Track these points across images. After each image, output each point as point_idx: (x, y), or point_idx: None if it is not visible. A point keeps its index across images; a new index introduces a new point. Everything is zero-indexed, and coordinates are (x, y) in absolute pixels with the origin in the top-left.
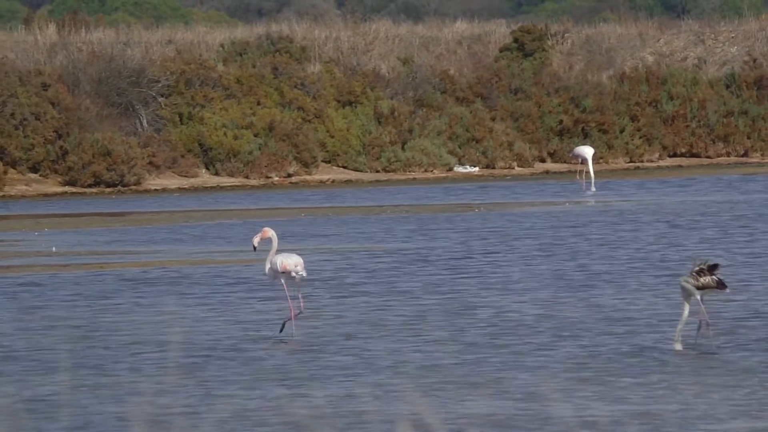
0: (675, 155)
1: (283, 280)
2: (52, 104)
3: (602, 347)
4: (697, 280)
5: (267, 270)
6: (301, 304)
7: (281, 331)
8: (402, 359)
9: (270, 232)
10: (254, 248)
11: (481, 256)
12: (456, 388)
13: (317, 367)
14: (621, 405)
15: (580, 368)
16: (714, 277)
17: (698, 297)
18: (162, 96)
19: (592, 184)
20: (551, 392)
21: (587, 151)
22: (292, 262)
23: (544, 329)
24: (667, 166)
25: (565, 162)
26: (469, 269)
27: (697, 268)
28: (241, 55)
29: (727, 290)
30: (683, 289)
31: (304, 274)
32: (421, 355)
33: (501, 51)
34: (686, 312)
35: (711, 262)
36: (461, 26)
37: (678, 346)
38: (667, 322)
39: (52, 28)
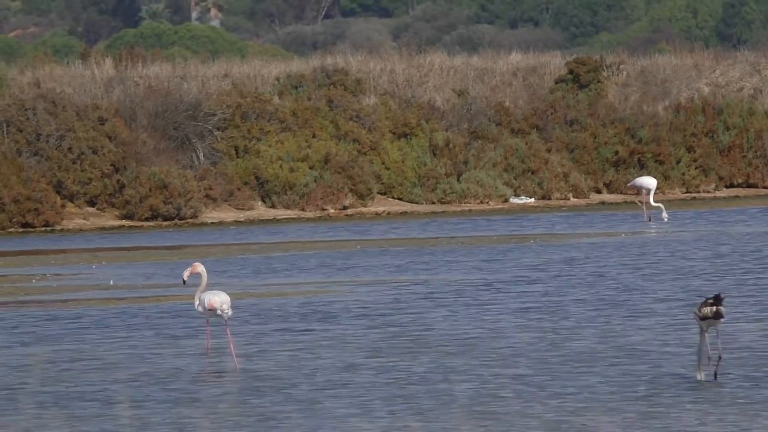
0: (732, 186)
1: (207, 318)
2: (109, 138)
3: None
4: (700, 311)
5: (196, 305)
6: (209, 343)
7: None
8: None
9: (199, 267)
10: (184, 282)
11: (538, 286)
12: (508, 418)
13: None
14: None
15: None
16: (713, 307)
17: (704, 327)
18: (218, 129)
19: (647, 215)
20: (601, 423)
21: (650, 182)
22: (218, 300)
23: (600, 358)
24: (724, 197)
25: (621, 193)
26: (526, 300)
27: (703, 300)
28: (296, 88)
29: (722, 320)
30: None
31: (230, 313)
32: (473, 385)
33: (556, 82)
34: (702, 342)
35: (720, 294)
36: (516, 58)
37: (700, 376)
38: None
39: (109, 63)
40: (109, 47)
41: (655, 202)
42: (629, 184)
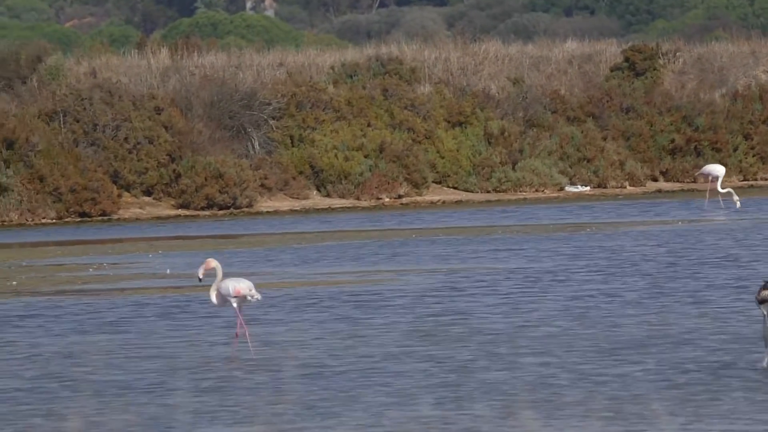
0: None
1: (235, 305)
2: (165, 128)
3: (692, 363)
4: (759, 294)
5: (213, 298)
6: (246, 330)
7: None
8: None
9: (213, 263)
10: (199, 279)
11: (592, 274)
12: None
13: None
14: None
15: (673, 386)
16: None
17: (765, 312)
18: (273, 118)
19: (707, 202)
20: (658, 413)
21: (719, 170)
22: (245, 285)
23: (655, 345)
24: None
25: (677, 181)
26: (580, 288)
27: (763, 283)
28: (351, 77)
29: None
30: None
31: (259, 297)
32: (524, 374)
33: (612, 70)
34: (765, 327)
35: None
36: (571, 46)
37: (764, 364)
38: None
39: (164, 53)
40: (164, 37)
41: (723, 188)
42: (698, 173)
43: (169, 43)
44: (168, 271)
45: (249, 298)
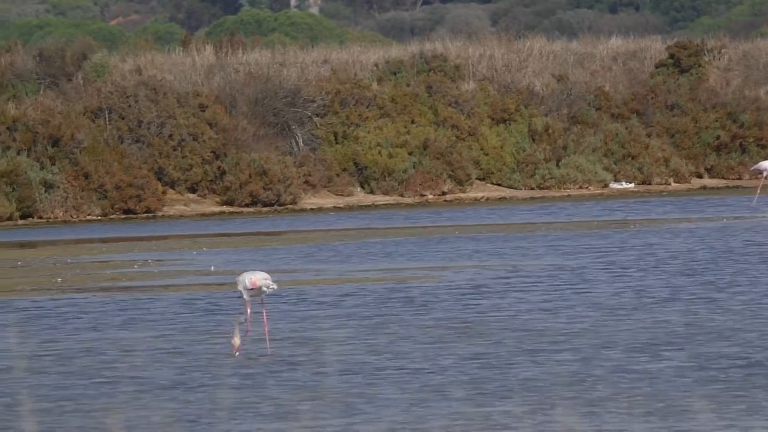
0: None
1: (247, 298)
2: (210, 125)
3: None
4: None
5: (243, 288)
6: (267, 326)
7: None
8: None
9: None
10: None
11: (636, 271)
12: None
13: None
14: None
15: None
16: None
17: None
18: (317, 115)
19: (756, 198)
20: (697, 409)
21: None
22: (260, 276)
23: (696, 341)
24: None
25: (722, 177)
26: (623, 284)
27: None
28: (395, 74)
29: None
30: None
31: (275, 287)
32: (564, 369)
33: (657, 67)
34: None
35: None
36: (616, 43)
37: None
38: None
39: (209, 50)
40: (209, 34)
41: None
42: (751, 168)
43: (214, 40)
44: (212, 268)
45: (265, 288)
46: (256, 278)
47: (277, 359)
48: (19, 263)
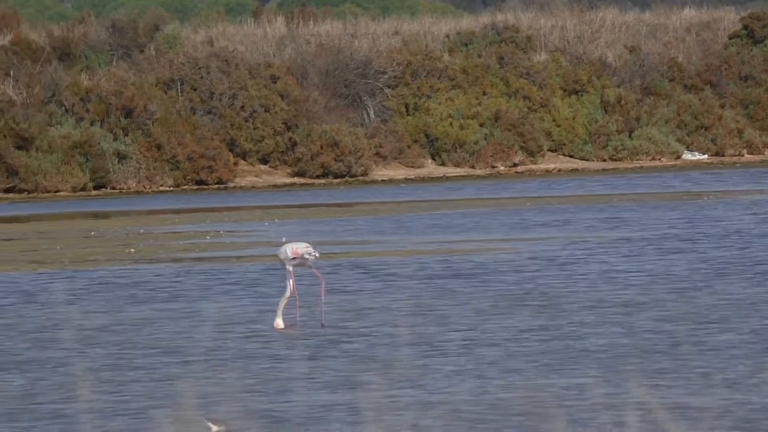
0: None
1: (290, 268)
2: (281, 96)
3: None
4: None
5: (285, 257)
6: (298, 299)
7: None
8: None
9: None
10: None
11: (708, 243)
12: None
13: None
14: None
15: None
16: None
17: None
18: (388, 87)
19: None
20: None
21: None
22: (301, 245)
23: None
24: None
25: None
26: (693, 256)
27: None
28: (466, 45)
29: None
30: None
31: (317, 254)
32: (631, 341)
33: (730, 38)
34: None
35: None
36: (689, 13)
37: None
38: None
39: (280, 21)
40: (280, 6)
41: None
42: None
43: (285, 11)
44: (284, 239)
45: (307, 256)
46: (297, 247)
47: (343, 331)
48: (93, 233)
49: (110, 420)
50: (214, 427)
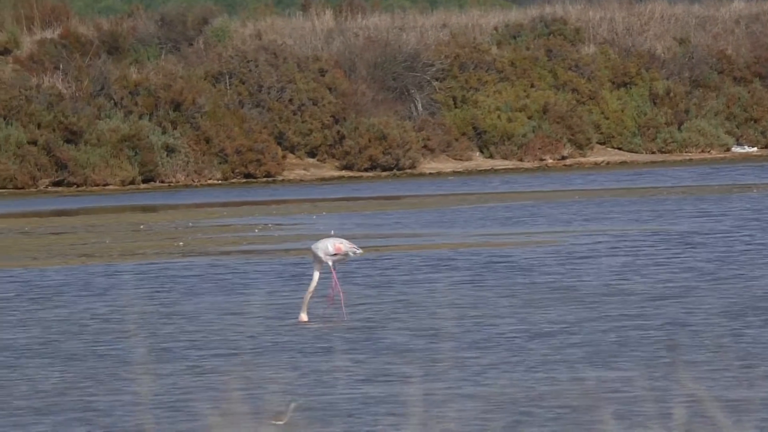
0: None
1: (331, 263)
2: (329, 89)
3: None
4: None
5: (327, 255)
6: (341, 293)
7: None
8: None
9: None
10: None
11: (753, 235)
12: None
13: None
14: None
15: None
16: None
17: None
18: (436, 80)
19: None
20: None
21: None
22: (346, 242)
23: None
24: None
25: None
26: (741, 250)
27: None
28: (514, 37)
29: None
30: None
31: (360, 251)
32: (664, 333)
33: None
34: None
35: None
36: (738, 5)
37: None
38: None
39: (329, 14)
40: None
41: None
42: None
43: (334, 4)
44: (332, 233)
45: (351, 253)
46: (342, 243)
47: (386, 324)
48: (142, 227)
49: (155, 411)
50: (279, 422)
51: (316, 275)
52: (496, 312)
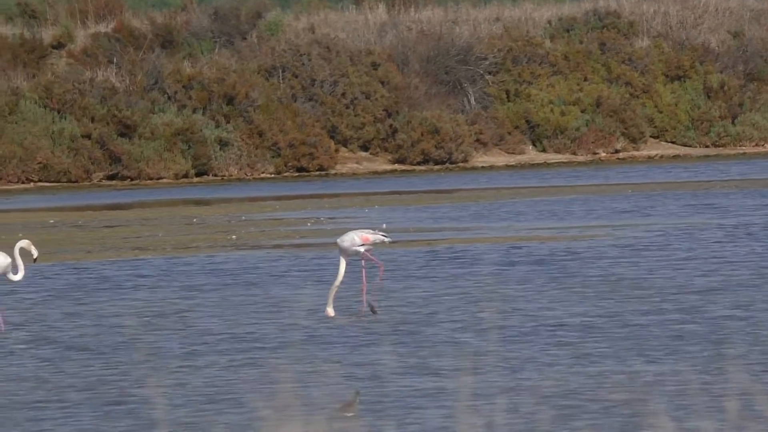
0: None
1: (362, 250)
2: (382, 83)
3: None
4: None
5: (351, 246)
6: (365, 286)
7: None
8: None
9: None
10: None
11: None
12: None
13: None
14: None
15: None
16: None
17: None
18: (489, 73)
19: None
20: None
21: None
22: (371, 231)
23: None
24: None
25: None
26: None
27: None
28: (568, 31)
29: None
30: None
31: (390, 239)
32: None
33: None
34: None
35: None
36: None
37: None
38: None
39: (381, 8)
40: None
41: None
42: None
43: None
44: (384, 226)
45: (378, 241)
46: (367, 234)
47: (434, 316)
48: (195, 220)
49: (204, 405)
50: (349, 413)
51: (342, 270)
52: (548, 305)
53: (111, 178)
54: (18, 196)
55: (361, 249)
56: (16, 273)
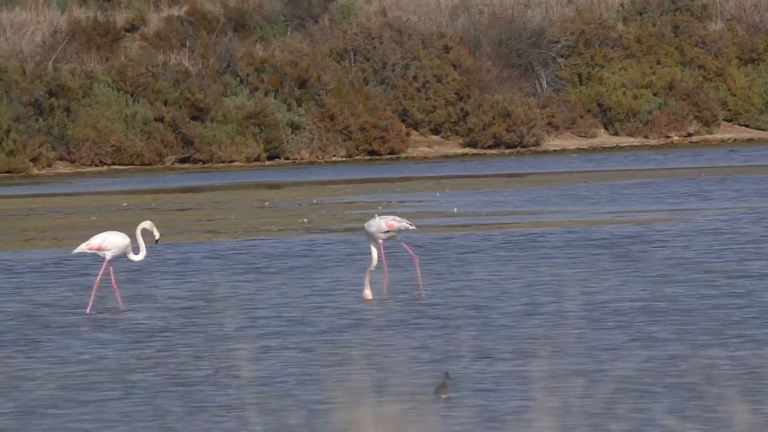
0: None
1: (381, 241)
2: (454, 66)
3: None
4: None
5: (377, 230)
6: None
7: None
8: None
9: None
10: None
11: None
12: None
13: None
14: None
15: None
16: None
17: None
18: (561, 57)
19: None
20: None
21: None
22: (396, 218)
23: None
24: None
25: None
26: None
27: None
28: (641, 14)
29: None
30: None
31: (413, 227)
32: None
33: None
34: None
35: None
36: None
37: None
38: None
39: None
40: None
41: None
42: None
43: None
44: (455, 210)
45: (403, 228)
46: (392, 221)
47: (503, 300)
48: (267, 203)
49: (275, 386)
50: (444, 395)
51: (375, 253)
52: (620, 289)
53: (183, 161)
54: (91, 179)
55: (385, 236)
56: (137, 253)
